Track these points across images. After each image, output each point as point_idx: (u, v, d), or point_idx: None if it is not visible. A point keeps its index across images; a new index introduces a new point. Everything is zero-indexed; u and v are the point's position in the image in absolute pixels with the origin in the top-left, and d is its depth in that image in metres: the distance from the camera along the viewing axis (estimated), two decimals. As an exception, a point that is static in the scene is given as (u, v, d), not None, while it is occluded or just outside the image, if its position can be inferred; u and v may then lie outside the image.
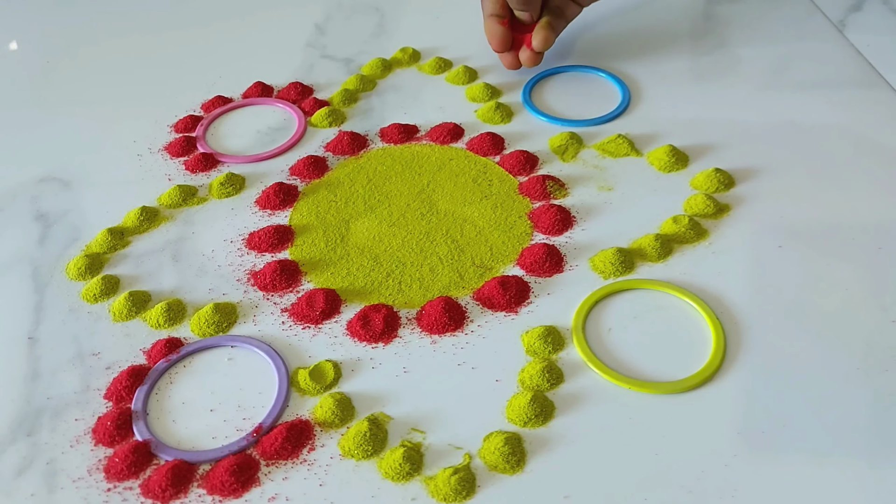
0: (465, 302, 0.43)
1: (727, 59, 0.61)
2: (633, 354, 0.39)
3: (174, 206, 0.50)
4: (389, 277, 0.45)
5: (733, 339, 0.40)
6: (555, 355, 0.40)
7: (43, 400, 0.39)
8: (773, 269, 0.43)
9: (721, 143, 0.52)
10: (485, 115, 0.56)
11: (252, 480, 0.35)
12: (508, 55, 0.58)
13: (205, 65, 0.65)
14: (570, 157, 0.52)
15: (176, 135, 0.57)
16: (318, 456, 0.36)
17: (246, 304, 0.44)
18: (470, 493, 0.34)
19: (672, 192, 0.49)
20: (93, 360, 0.41)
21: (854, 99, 0.56)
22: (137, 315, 0.43)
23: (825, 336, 0.40)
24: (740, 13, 0.66)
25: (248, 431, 0.37)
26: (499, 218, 0.48)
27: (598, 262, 0.44)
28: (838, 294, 0.42)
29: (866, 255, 0.44)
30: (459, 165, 0.52)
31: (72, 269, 0.46)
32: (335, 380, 0.39)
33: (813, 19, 0.65)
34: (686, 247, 0.45)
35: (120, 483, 0.35)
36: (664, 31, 0.65)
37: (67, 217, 0.50)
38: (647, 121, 0.55)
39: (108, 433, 0.37)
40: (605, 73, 0.60)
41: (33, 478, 0.36)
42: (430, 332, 0.41)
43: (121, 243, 0.48)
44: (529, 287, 0.44)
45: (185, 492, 0.35)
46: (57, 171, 0.54)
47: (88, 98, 0.62)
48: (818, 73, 0.59)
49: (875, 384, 0.37)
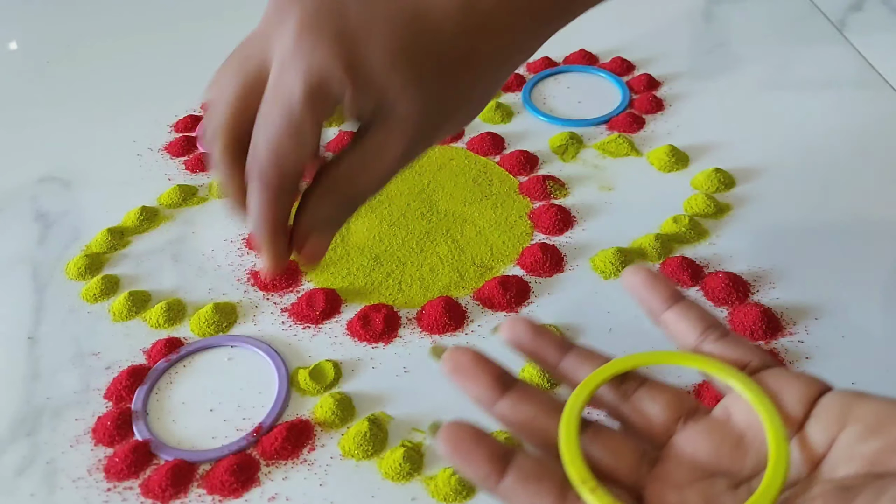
0: (465, 302, 0.43)
1: (727, 59, 0.61)
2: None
3: (174, 205, 0.50)
4: (389, 277, 0.45)
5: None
6: (555, 355, 0.40)
7: (43, 400, 0.39)
8: (773, 269, 0.43)
9: (721, 143, 0.52)
10: (485, 115, 0.56)
11: (252, 480, 0.35)
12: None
13: (206, 64, 0.65)
14: (570, 157, 0.52)
15: (176, 135, 0.57)
16: (318, 456, 0.36)
17: (246, 304, 0.44)
18: (470, 493, 0.34)
19: (672, 192, 0.49)
20: (93, 360, 0.41)
21: (854, 99, 0.56)
22: (137, 315, 0.43)
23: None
24: (740, 13, 0.66)
25: (248, 431, 0.37)
26: (499, 218, 0.48)
27: (598, 262, 0.44)
28: (838, 293, 0.42)
29: (867, 254, 0.44)
30: (459, 165, 0.52)
31: (72, 269, 0.46)
32: (335, 380, 0.39)
33: (813, 19, 0.65)
34: (686, 247, 0.45)
35: (120, 483, 0.35)
36: (664, 31, 0.65)
37: (67, 217, 0.50)
38: (647, 121, 0.55)
39: (108, 433, 0.37)
40: (605, 73, 0.60)
41: (33, 477, 0.36)
42: (430, 332, 0.41)
43: (121, 243, 0.48)
44: (529, 287, 0.44)
45: (185, 492, 0.35)
46: (57, 171, 0.54)
47: (88, 98, 0.62)
48: (818, 73, 0.59)
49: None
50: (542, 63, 0.61)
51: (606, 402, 0.26)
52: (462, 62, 0.28)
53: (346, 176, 0.29)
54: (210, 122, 0.30)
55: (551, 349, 0.26)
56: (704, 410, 0.25)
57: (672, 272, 0.43)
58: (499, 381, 0.25)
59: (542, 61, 0.61)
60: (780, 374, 0.24)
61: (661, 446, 0.25)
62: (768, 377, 0.24)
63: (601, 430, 0.25)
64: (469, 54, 0.28)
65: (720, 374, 0.24)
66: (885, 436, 0.21)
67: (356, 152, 0.29)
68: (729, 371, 0.24)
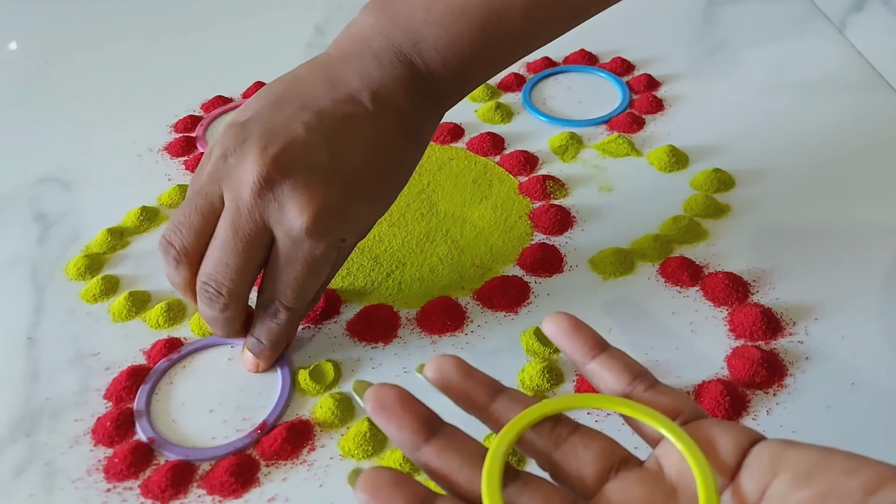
0: (465, 302, 0.43)
1: (727, 59, 0.61)
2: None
3: (174, 206, 0.50)
4: (389, 277, 0.45)
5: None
6: (555, 355, 0.40)
7: (42, 400, 0.39)
8: (773, 269, 0.43)
9: (721, 143, 0.52)
10: (485, 115, 0.56)
11: (252, 481, 0.35)
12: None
13: (205, 65, 0.65)
14: (570, 157, 0.52)
15: (176, 135, 0.57)
16: (318, 456, 0.36)
17: (246, 305, 0.44)
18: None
19: (672, 192, 0.49)
20: (92, 361, 0.41)
21: (854, 99, 0.56)
22: (137, 315, 0.43)
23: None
24: (740, 13, 0.66)
25: (249, 431, 0.37)
26: (499, 218, 0.48)
27: (598, 262, 0.44)
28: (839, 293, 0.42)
29: (867, 254, 0.44)
30: (459, 165, 0.52)
31: (71, 270, 0.46)
32: (335, 380, 0.39)
33: (813, 19, 0.65)
34: (686, 247, 0.45)
35: (119, 483, 0.35)
36: (664, 32, 0.65)
37: (67, 217, 0.50)
38: (647, 121, 0.55)
39: (108, 434, 0.37)
40: (605, 73, 0.60)
41: (32, 478, 0.36)
42: (430, 332, 0.41)
43: (120, 243, 0.48)
44: (529, 287, 0.43)
45: (185, 492, 0.35)
46: (57, 172, 0.54)
47: (88, 98, 0.62)
48: (818, 74, 0.59)
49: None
50: (542, 63, 0.61)
51: (538, 448, 0.25)
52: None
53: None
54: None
55: (481, 391, 0.25)
56: (636, 461, 0.25)
57: (672, 272, 0.43)
58: (424, 425, 0.24)
59: (543, 61, 0.61)
60: (713, 425, 0.24)
61: (591, 496, 0.24)
62: (700, 427, 0.24)
63: (530, 480, 0.24)
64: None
65: (652, 423, 0.24)
66: (816, 484, 0.21)
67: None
68: (661, 420, 0.24)
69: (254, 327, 0.38)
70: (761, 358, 0.38)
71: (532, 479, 0.24)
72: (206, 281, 0.35)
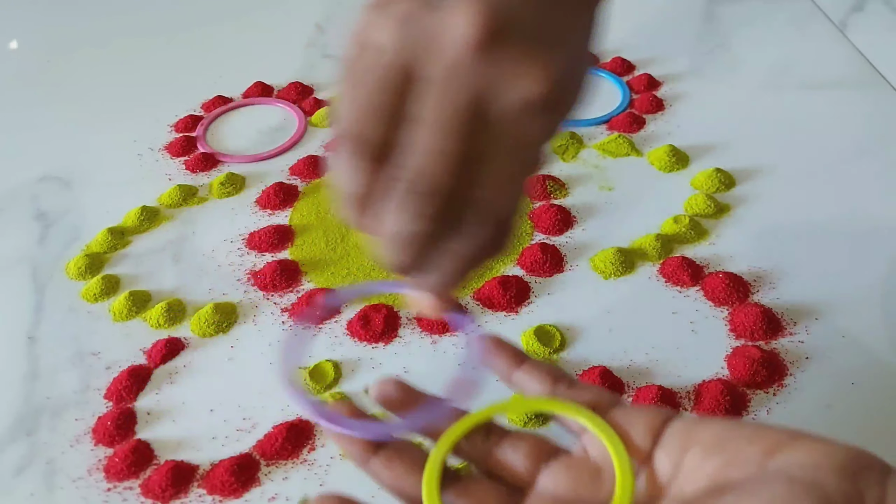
0: (465, 302, 0.43)
1: (727, 59, 0.61)
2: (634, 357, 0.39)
3: (174, 205, 0.50)
4: (389, 278, 0.44)
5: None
6: (555, 355, 0.40)
7: (42, 399, 0.39)
8: (773, 269, 0.43)
9: (721, 143, 0.52)
10: (485, 115, 0.56)
11: (252, 480, 0.35)
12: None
13: (205, 64, 0.65)
14: (570, 157, 0.52)
15: (176, 135, 0.57)
16: (318, 456, 0.36)
17: (246, 304, 0.44)
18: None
19: (672, 192, 0.49)
20: (92, 360, 0.41)
21: (854, 99, 0.56)
22: (137, 315, 0.43)
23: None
24: (741, 13, 0.66)
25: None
26: (499, 218, 0.48)
27: (598, 262, 0.44)
28: (838, 293, 0.42)
29: (867, 255, 0.44)
30: (460, 165, 0.52)
31: (72, 269, 0.46)
32: (335, 380, 0.39)
33: (814, 19, 0.65)
34: (686, 247, 0.45)
35: (120, 483, 0.35)
36: (664, 32, 0.65)
37: (67, 217, 0.50)
38: (647, 120, 0.55)
39: (108, 433, 0.37)
40: (605, 73, 0.60)
41: (33, 477, 0.36)
42: (430, 332, 0.41)
43: (121, 243, 0.48)
44: (529, 287, 0.44)
45: (186, 491, 0.35)
46: (57, 171, 0.54)
47: (89, 98, 0.62)
48: (818, 73, 0.59)
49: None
50: (543, 63, 0.61)
51: (473, 456, 0.26)
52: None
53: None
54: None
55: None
56: (565, 452, 0.26)
57: (672, 272, 0.43)
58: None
59: (543, 61, 0.61)
60: (628, 411, 0.26)
61: (526, 489, 0.26)
62: (616, 414, 0.26)
63: (470, 483, 0.26)
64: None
65: (573, 415, 0.26)
66: (724, 453, 0.22)
67: None
68: (580, 411, 0.26)
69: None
70: (762, 357, 0.38)
71: (472, 482, 0.26)
72: (415, 179, 0.25)
